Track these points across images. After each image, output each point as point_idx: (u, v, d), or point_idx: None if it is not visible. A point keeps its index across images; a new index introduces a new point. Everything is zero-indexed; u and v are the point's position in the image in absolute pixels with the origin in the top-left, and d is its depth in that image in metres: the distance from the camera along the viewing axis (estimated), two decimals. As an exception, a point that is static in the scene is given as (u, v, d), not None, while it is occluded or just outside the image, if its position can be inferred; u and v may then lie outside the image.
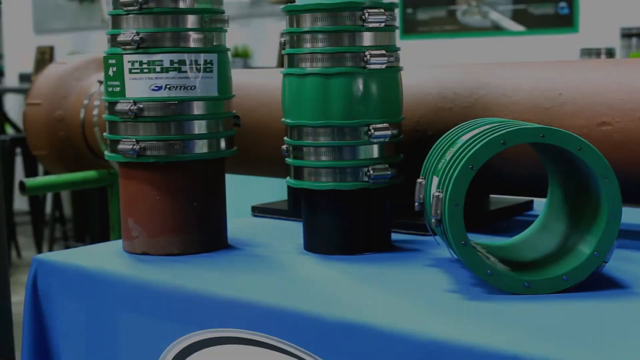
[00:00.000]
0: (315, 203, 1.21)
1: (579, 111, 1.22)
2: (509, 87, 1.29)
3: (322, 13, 1.17)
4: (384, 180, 1.19)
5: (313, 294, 1.02)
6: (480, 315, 0.92)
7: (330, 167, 1.19)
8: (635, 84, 1.19)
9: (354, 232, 1.20)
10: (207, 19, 1.22)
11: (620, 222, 0.99)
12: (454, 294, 0.99)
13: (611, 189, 0.99)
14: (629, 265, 1.11)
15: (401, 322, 0.90)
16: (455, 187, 0.98)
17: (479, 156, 0.98)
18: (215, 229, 1.26)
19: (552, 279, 0.99)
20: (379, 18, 1.17)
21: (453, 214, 0.99)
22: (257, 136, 1.53)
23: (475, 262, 0.99)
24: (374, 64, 1.17)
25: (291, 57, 1.21)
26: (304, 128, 1.20)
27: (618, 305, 0.95)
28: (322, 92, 1.17)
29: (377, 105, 1.18)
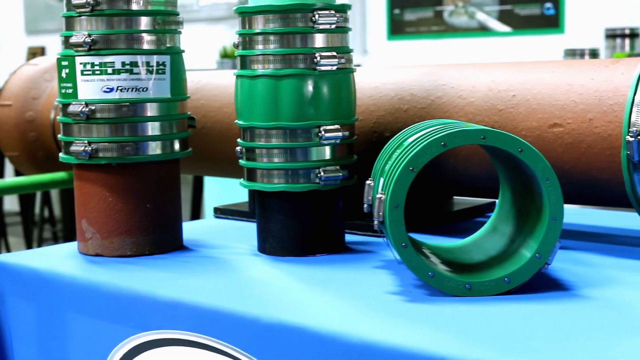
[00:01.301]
0: (267, 205, 1.21)
1: (531, 113, 1.22)
2: (464, 88, 1.29)
3: (274, 15, 1.17)
4: (335, 181, 1.19)
5: (255, 296, 1.02)
6: (416, 318, 0.92)
7: (282, 169, 1.19)
8: (587, 85, 1.19)
9: (305, 233, 1.20)
10: (160, 21, 1.22)
11: (562, 224, 0.99)
12: (395, 296, 0.99)
13: (552, 191, 0.98)
14: (576, 266, 1.11)
15: (336, 324, 0.90)
16: (396, 189, 0.98)
17: (418, 158, 0.98)
18: (169, 230, 1.26)
19: (493, 281, 0.99)
20: (329, 20, 1.17)
21: (393, 216, 0.99)
22: (222, 137, 1.53)
23: (416, 264, 0.99)
24: (324, 65, 1.17)
25: (243, 58, 1.21)
26: (255, 130, 1.20)
27: (559, 307, 0.94)
28: (272, 94, 1.17)
29: (328, 107, 1.18)
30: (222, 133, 1.53)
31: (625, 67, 1.18)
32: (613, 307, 0.94)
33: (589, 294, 0.99)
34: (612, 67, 1.19)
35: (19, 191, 2.06)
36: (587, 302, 0.96)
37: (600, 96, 1.17)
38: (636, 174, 1.12)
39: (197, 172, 1.71)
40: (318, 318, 0.92)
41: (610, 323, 0.89)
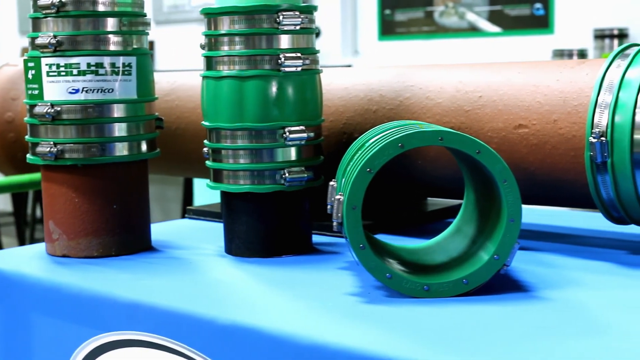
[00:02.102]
0: (233, 206, 1.21)
1: (497, 114, 1.22)
2: (432, 89, 1.29)
3: (239, 16, 1.17)
4: (300, 182, 1.19)
5: (214, 297, 1.02)
6: (370, 319, 0.92)
7: (248, 170, 1.19)
8: (553, 86, 1.19)
9: (271, 234, 1.20)
10: (126, 22, 1.22)
11: (520, 226, 0.99)
12: (353, 297, 0.99)
13: (510, 192, 0.98)
14: (538, 268, 1.11)
15: (288, 325, 0.90)
16: (353, 190, 0.98)
17: (376, 159, 0.98)
18: (136, 231, 1.26)
19: (452, 282, 0.99)
20: (294, 21, 1.17)
21: (351, 217, 0.99)
22: (196, 137, 1.53)
23: (374, 265, 0.99)
24: (288, 66, 1.17)
25: (209, 59, 1.21)
26: (221, 131, 1.20)
27: (515, 308, 0.94)
28: (237, 95, 1.17)
29: (293, 108, 1.18)
30: (195, 133, 1.52)
31: (590, 68, 1.18)
32: (569, 309, 0.94)
33: (547, 296, 0.99)
34: (578, 68, 1.19)
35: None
36: (544, 303, 0.96)
37: (565, 97, 1.17)
38: (599, 175, 1.12)
39: (172, 172, 1.71)
40: (272, 319, 0.92)
41: (565, 324, 0.89)
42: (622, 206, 1.13)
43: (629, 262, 1.13)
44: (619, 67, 1.13)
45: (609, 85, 1.12)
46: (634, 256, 1.17)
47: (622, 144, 1.09)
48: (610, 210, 1.15)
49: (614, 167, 1.10)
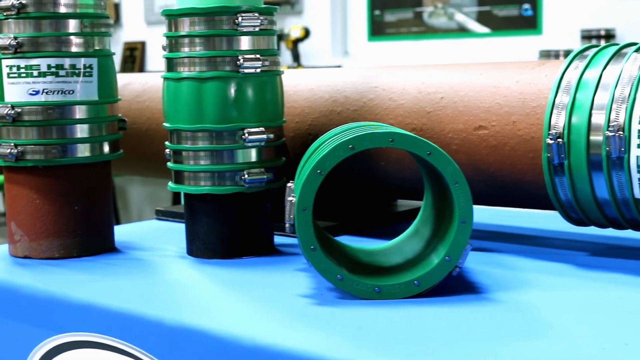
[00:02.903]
0: (193, 207, 1.21)
1: (458, 115, 1.21)
2: (395, 90, 1.29)
3: (199, 17, 1.17)
4: (260, 184, 1.19)
5: (166, 299, 1.02)
6: (318, 321, 0.92)
7: (209, 171, 1.19)
8: (512, 87, 1.19)
9: (231, 235, 1.20)
10: (87, 24, 1.22)
11: (471, 227, 0.98)
12: (305, 299, 0.99)
13: (461, 194, 0.98)
14: (495, 269, 1.11)
15: (235, 327, 0.90)
16: (304, 191, 0.98)
17: (326, 161, 0.98)
18: (99, 232, 1.26)
19: (403, 284, 0.99)
20: (253, 22, 1.17)
21: (301, 219, 0.98)
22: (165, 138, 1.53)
23: (325, 267, 0.99)
24: (247, 68, 1.17)
25: (169, 61, 1.21)
26: (181, 132, 1.20)
27: (466, 310, 0.94)
28: (196, 97, 1.17)
29: (252, 109, 1.18)
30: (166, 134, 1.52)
31: (550, 69, 1.18)
32: (518, 310, 0.94)
33: (499, 297, 0.99)
34: (538, 69, 1.19)
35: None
36: (495, 305, 0.96)
37: (524, 99, 1.17)
38: (557, 177, 1.11)
39: (143, 173, 1.71)
40: (220, 321, 0.92)
41: (511, 326, 0.89)
42: (580, 208, 1.13)
43: (587, 263, 1.13)
44: (576, 68, 1.13)
45: (566, 86, 1.12)
46: (593, 258, 1.17)
47: (578, 145, 1.09)
48: (568, 211, 1.15)
49: (571, 169, 1.10)
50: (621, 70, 1.09)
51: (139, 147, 1.57)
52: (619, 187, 1.07)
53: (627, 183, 1.06)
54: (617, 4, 3.68)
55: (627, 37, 3.56)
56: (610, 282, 1.04)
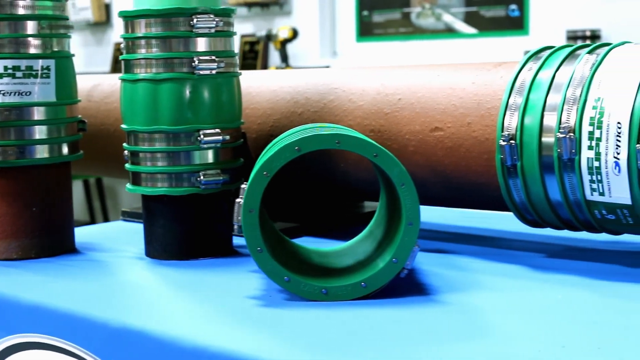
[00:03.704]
0: (151, 208, 1.21)
1: (415, 116, 1.21)
2: (355, 92, 1.29)
3: (155, 19, 1.17)
4: (216, 185, 1.19)
5: (114, 300, 1.02)
6: (261, 323, 0.92)
7: (166, 173, 1.19)
8: (468, 89, 1.19)
9: (187, 237, 1.20)
10: (45, 25, 1.22)
11: (418, 229, 0.98)
12: (253, 300, 0.99)
13: (408, 196, 0.98)
14: (448, 271, 1.11)
15: (178, 329, 0.90)
16: (250, 193, 0.98)
17: (272, 162, 0.98)
18: (58, 233, 1.26)
19: (350, 285, 0.99)
20: (208, 24, 1.17)
21: (248, 220, 0.98)
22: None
23: (271, 268, 0.99)
24: (203, 69, 1.17)
25: (126, 62, 1.21)
26: (138, 134, 1.20)
27: (411, 312, 0.94)
28: (152, 98, 1.18)
29: (208, 111, 1.18)
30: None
31: (505, 70, 1.18)
32: (464, 312, 0.94)
33: (446, 299, 0.99)
34: (494, 70, 1.19)
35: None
36: (441, 306, 0.96)
37: (479, 100, 1.17)
38: (510, 179, 1.11)
39: (111, 174, 1.71)
40: (163, 322, 0.92)
41: (454, 328, 0.89)
42: (534, 209, 1.13)
43: (541, 265, 1.13)
44: (530, 69, 1.13)
45: (520, 87, 1.12)
46: (548, 259, 1.17)
47: (531, 147, 1.09)
48: (523, 213, 1.15)
49: (524, 170, 1.10)
50: (573, 71, 1.09)
51: (108, 148, 1.57)
52: (571, 188, 1.07)
53: (578, 185, 1.06)
54: (602, 5, 3.68)
55: (613, 37, 3.56)
56: (561, 284, 1.04)
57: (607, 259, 1.15)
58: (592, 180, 1.05)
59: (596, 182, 1.05)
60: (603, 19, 3.64)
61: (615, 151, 1.03)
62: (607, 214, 1.07)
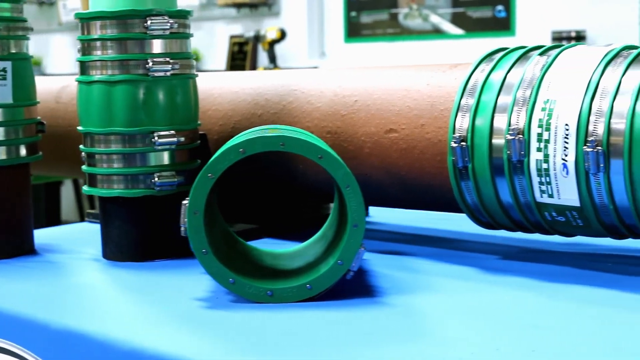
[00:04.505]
0: (107, 210, 1.21)
1: (370, 118, 1.22)
2: (313, 93, 1.29)
3: (110, 20, 1.17)
4: (170, 187, 1.19)
5: (62, 302, 1.03)
6: (202, 324, 0.92)
7: (121, 174, 1.19)
8: (423, 90, 1.19)
9: (143, 238, 1.20)
10: (2, 27, 1.22)
11: (363, 231, 0.98)
12: (199, 302, 0.99)
13: (353, 198, 0.98)
14: (400, 273, 1.11)
15: (116, 330, 0.90)
16: (195, 195, 0.98)
17: (217, 164, 0.98)
18: (15, 234, 1.26)
19: (295, 287, 0.99)
20: (162, 26, 1.17)
21: (193, 222, 0.99)
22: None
23: (216, 270, 0.99)
24: (157, 71, 1.17)
25: (82, 64, 1.21)
26: (94, 136, 1.20)
27: (353, 314, 0.94)
28: (106, 100, 1.18)
29: (162, 113, 1.18)
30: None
31: (460, 72, 1.18)
32: (406, 315, 0.94)
33: (391, 301, 0.99)
34: (449, 72, 1.19)
35: None
36: (385, 309, 0.96)
37: (433, 102, 1.17)
38: (463, 181, 1.11)
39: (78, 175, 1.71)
40: (104, 324, 0.93)
41: (393, 330, 0.89)
42: (487, 211, 1.13)
43: (495, 267, 1.13)
44: (483, 71, 1.13)
45: (472, 88, 1.12)
46: (502, 261, 1.17)
47: (481, 149, 1.09)
48: (476, 215, 1.15)
49: (475, 172, 1.10)
50: (524, 72, 1.09)
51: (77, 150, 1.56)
52: (521, 190, 1.07)
53: (528, 187, 1.06)
54: (588, 7, 3.68)
55: (598, 38, 3.57)
56: (511, 286, 1.04)
57: (560, 261, 1.15)
58: (541, 182, 1.05)
59: (545, 184, 1.05)
60: (588, 20, 3.64)
61: (563, 153, 1.03)
62: (557, 216, 1.07)
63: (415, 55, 4.14)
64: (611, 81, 1.02)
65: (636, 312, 0.93)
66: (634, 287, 1.01)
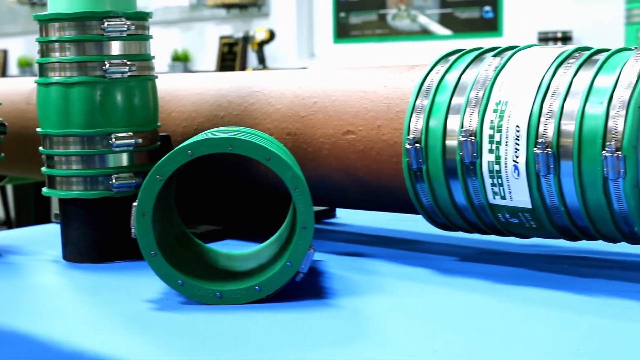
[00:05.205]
0: (66, 211, 1.22)
1: (329, 120, 1.22)
2: (274, 95, 1.29)
3: (68, 22, 1.17)
4: (128, 188, 1.19)
5: (10, 303, 1.02)
6: (147, 326, 0.92)
7: (80, 176, 1.19)
8: (380, 92, 1.19)
9: (101, 240, 1.20)
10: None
11: (312, 233, 0.98)
12: (148, 304, 0.99)
13: (301, 200, 0.98)
14: (356, 274, 1.11)
15: (59, 332, 0.90)
16: (142, 197, 0.99)
17: (165, 166, 0.98)
18: (-24, 237, 1.26)
19: (244, 289, 0.99)
20: (119, 27, 1.17)
21: (141, 224, 0.99)
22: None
23: (165, 272, 0.99)
24: (114, 73, 1.17)
25: (41, 66, 1.21)
26: (53, 137, 1.20)
27: (297, 316, 0.94)
28: (64, 102, 1.18)
29: (120, 114, 1.18)
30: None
31: (417, 73, 1.18)
32: (351, 317, 0.94)
33: (339, 303, 0.99)
34: (406, 73, 1.19)
35: None
36: (332, 310, 0.96)
37: (389, 103, 1.17)
38: (418, 182, 1.11)
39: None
40: (48, 325, 0.93)
41: (336, 332, 0.89)
42: (442, 213, 1.13)
43: (451, 268, 1.13)
44: (438, 72, 1.13)
45: (427, 89, 1.12)
46: (459, 263, 1.17)
47: (435, 150, 1.09)
48: (433, 216, 1.15)
49: (429, 174, 1.10)
50: (477, 73, 1.09)
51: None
52: (475, 192, 1.07)
53: (480, 189, 1.06)
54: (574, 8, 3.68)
55: (584, 39, 3.57)
56: (463, 288, 1.04)
57: (517, 263, 1.15)
58: (494, 184, 1.05)
59: (497, 186, 1.05)
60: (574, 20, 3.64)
61: (514, 155, 1.03)
62: (511, 218, 1.07)
63: (404, 56, 4.14)
64: (562, 82, 1.02)
65: (581, 314, 0.93)
66: (584, 289, 1.01)
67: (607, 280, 1.06)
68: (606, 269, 1.12)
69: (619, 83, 0.99)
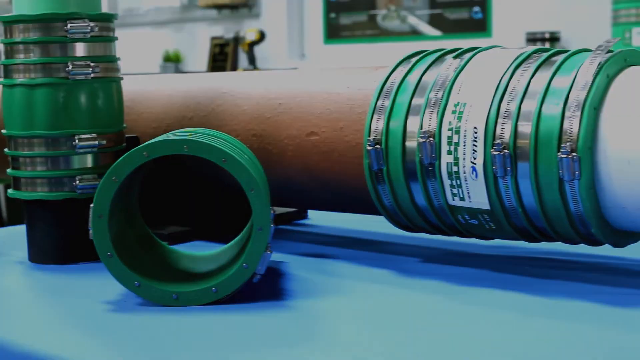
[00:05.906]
0: (30, 213, 1.22)
1: (293, 121, 1.22)
2: (241, 96, 1.29)
3: (32, 24, 1.18)
4: (92, 189, 1.19)
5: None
6: (101, 327, 0.92)
7: (45, 177, 1.19)
8: (343, 93, 1.19)
9: (65, 241, 1.20)
10: None
11: (268, 234, 0.98)
12: (105, 305, 0.99)
13: (257, 201, 0.98)
14: (319, 276, 1.11)
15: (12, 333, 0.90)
16: (99, 198, 0.99)
17: (121, 168, 0.99)
18: (-58, 238, 1.26)
19: (201, 290, 0.99)
20: (82, 29, 1.17)
21: (97, 226, 0.99)
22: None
23: (121, 273, 0.99)
24: (77, 74, 1.17)
25: (5, 67, 1.21)
26: (18, 139, 1.20)
27: (253, 317, 0.94)
28: (27, 103, 1.18)
29: (83, 116, 1.19)
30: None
31: (380, 74, 1.18)
32: (304, 318, 0.94)
33: (295, 305, 0.99)
34: (369, 74, 1.20)
35: None
36: (286, 312, 0.96)
37: (352, 104, 1.17)
38: (379, 184, 1.11)
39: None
40: (3, 326, 0.93)
41: (285, 334, 0.89)
42: (404, 214, 1.13)
43: (413, 269, 1.13)
44: (400, 73, 1.13)
45: (388, 89, 1.12)
46: (422, 264, 1.17)
47: (395, 152, 1.09)
48: (395, 218, 1.15)
49: (390, 175, 1.10)
50: (437, 74, 1.09)
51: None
52: (434, 194, 1.07)
53: (440, 190, 1.06)
54: (562, 9, 3.68)
55: (571, 39, 3.57)
56: (424, 290, 1.04)
57: (480, 264, 1.15)
58: (453, 186, 1.05)
59: (456, 187, 1.05)
60: (562, 21, 3.64)
61: (472, 156, 1.03)
62: (470, 219, 1.07)
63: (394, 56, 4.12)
64: (520, 84, 1.03)
65: (536, 316, 0.93)
66: (545, 291, 1.01)
67: (566, 281, 1.06)
68: (567, 270, 1.12)
69: (575, 84, 0.99)
